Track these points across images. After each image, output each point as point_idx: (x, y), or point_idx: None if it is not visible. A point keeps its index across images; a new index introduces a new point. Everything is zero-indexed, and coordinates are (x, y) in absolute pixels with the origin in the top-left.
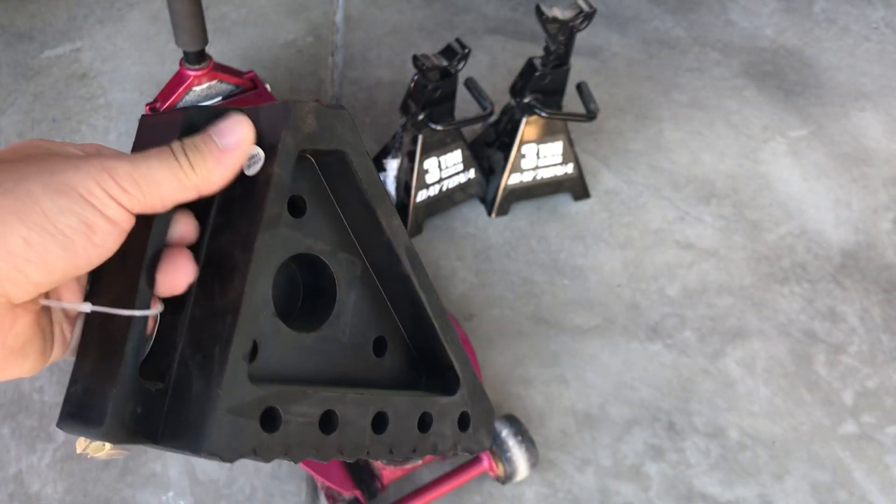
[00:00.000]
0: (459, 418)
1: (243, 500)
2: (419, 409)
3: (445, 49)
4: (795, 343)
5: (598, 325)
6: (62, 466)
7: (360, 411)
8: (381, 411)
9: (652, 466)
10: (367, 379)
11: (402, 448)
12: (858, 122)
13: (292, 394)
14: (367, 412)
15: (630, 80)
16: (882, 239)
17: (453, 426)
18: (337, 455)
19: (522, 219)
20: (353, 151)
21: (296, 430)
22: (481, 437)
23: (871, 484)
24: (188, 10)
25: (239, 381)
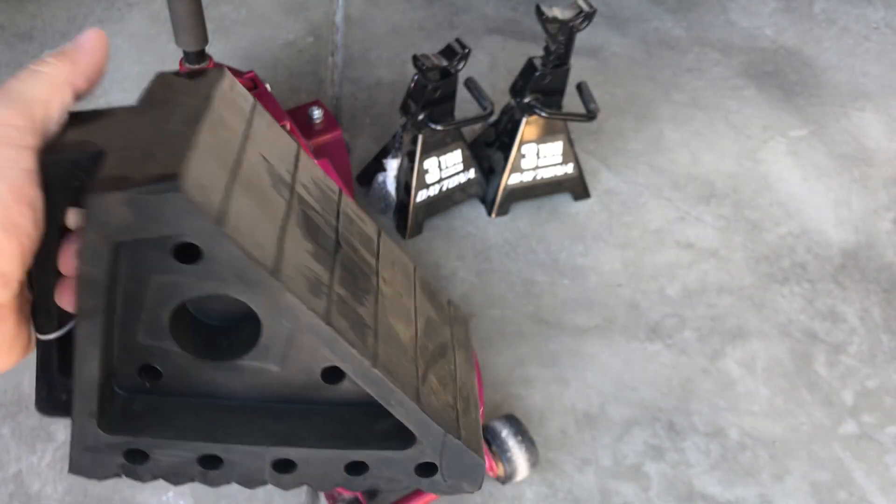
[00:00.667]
0: (419, 467)
1: (243, 500)
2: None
3: (445, 49)
4: (795, 343)
5: (598, 325)
6: (62, 466)
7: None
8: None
9: (652, 466)
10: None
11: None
12: (858, 122)
13: (159, 443)
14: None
15: (630, 80)
16: (882, 239)
17: (408, 473)
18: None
19: (522, 219)
20: (199, 236)
21: (169, 464)
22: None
23: (871, 484)
24: (188, 9)
25: (89, 432)
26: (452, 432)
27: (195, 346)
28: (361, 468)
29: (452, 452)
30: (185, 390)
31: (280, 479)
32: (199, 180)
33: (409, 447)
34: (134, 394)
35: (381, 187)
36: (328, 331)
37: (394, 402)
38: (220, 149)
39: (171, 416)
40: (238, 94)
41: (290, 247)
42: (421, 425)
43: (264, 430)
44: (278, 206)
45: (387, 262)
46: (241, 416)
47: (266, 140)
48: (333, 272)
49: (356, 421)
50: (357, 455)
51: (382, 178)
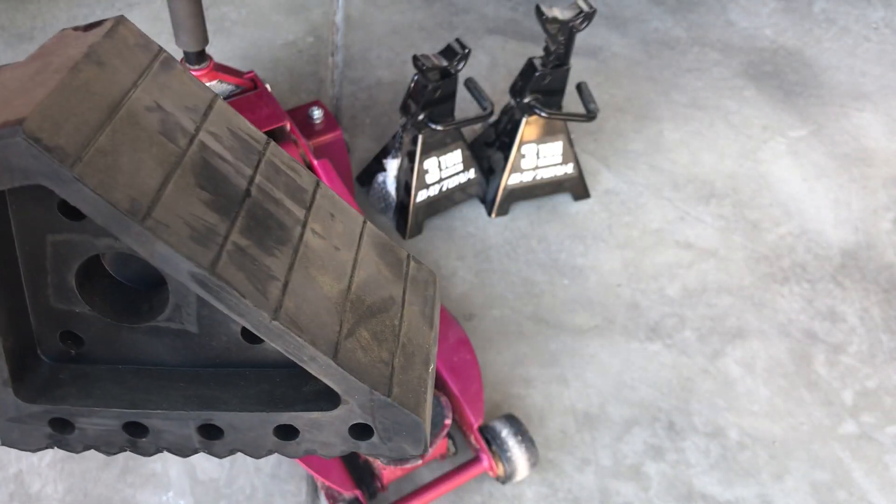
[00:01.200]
0: (353, 428)
1: (243, 499)
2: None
3: (445, 49)
4: (795, 343)
5: (598, 325)
6: (62, 466)
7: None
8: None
9: (652, 466)
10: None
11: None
12: (858, 122)
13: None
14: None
15: (630, 80)
16: (882, 239)
17: (341, 436)
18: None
19: (522, 219)
20: (52, 182)
21: (96, 433)
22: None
23: (871, 484)
24: (188, 10)
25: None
26: (381, 389)
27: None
28: (291, 432)
29: (384, 411)
30: (111, 357)
31: (210, 446)
32: (54, 125)
33: (335, 407)
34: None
35: (381, 187)
36: (213, 281)
37: (306, 358)
38: (91, 94)
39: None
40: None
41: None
42: (342, 382)
43: (186, 395)
44: (166, 153)
45: (322, 213)
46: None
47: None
48: (234, 222)
49: (284, 382)
50: (283, 418)
51: (382, 178)
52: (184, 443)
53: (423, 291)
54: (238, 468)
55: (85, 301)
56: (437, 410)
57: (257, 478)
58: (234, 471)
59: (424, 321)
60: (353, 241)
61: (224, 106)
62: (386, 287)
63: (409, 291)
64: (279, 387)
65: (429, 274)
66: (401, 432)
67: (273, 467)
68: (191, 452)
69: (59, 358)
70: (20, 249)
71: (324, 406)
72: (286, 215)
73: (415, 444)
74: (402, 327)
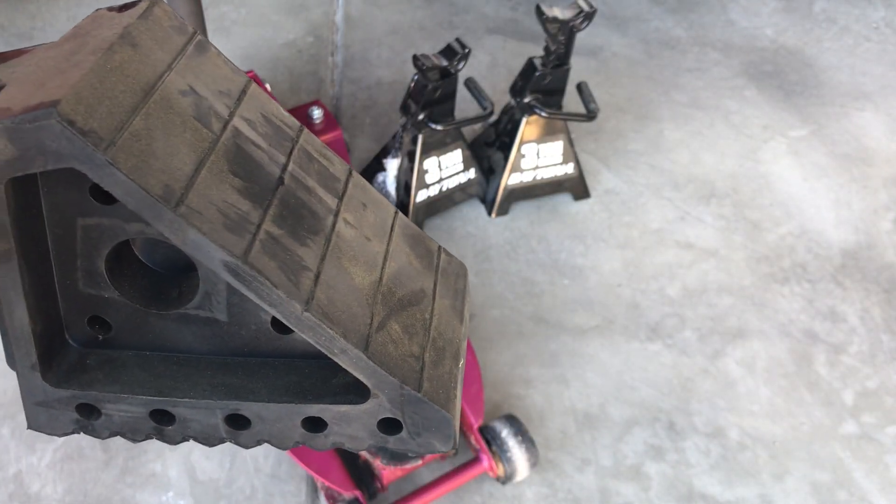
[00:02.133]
0: (382, 422)
1: (243, 499)
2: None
3: (445, 49)
4: (795, 343)
5: (598, 325)
6: (62, 466)
7: (204, 413)
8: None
9: (652, 466)
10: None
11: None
12: (858, 122)
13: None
14: (215, 414)
15: (630, 80)
16: (882, 239)
17: (369, 430)
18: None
19: (522, 219)
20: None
21: (122, 419)
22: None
23: (871, 484)
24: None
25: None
26: (411, 384)
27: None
28: (319, 425)
29: (413, 406)
30: (138, 343)
31: (237, 436)
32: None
33: (365, 401)
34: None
35: (381, 187)
36: (245, 270)
37: (337, 351)
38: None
39: (121, 369)
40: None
41: (206, 180)
42: (372, 375)
43: (213, 384)
44: (200, 139)
45: (354, 203)
46: (192, 369)
47: (202, 72)
48: (267, 210)
49: (313, 374)
50: (312, 410)
51: (382, 178)
52: (210, 432)
53: (453, 285)
54: (238, 468)
55: (114, 286)
56: None
57: (257, 478)
58: (234, 471)
59: (455, 315)
60: (385, 232)
61: (258, 91)
62: (417, 279)
63: (439, 284)
64: (308, 378)
65: (459, 267)
66: (430, 428)
67: (273, 467)
68: (217, 442)
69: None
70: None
71: (353, 399)
72: (318, 204)
73: (444, 440)
74: (432, 321)
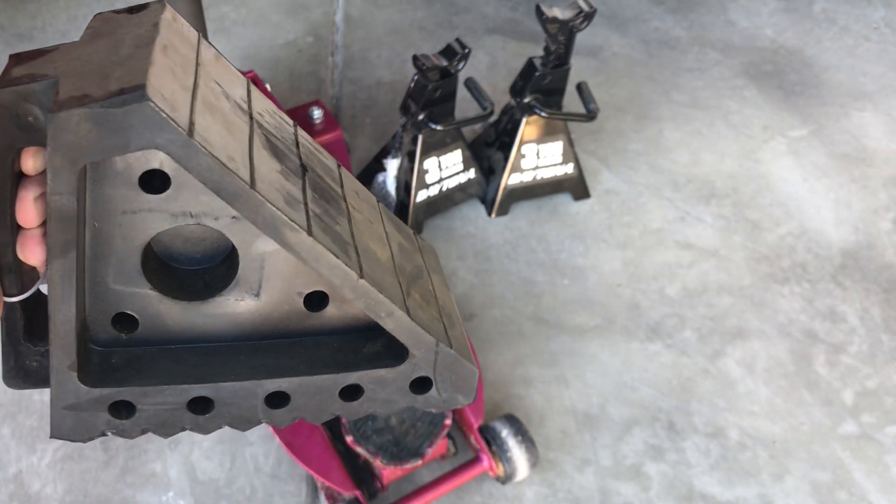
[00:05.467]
0: (414, 383)
1: (243, 500)
2: (340, 384)
3: (445, 49)
4: (795, 343)
5: (598, 325)
6: (62, 466)
7: (245, 395)
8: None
9: (652, 466)
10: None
11: (320, 415)
12: (858, 122)
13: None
14: (255, 395)
15: (630, 80)
16: (882, 239)
17: (402, 391)
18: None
19: (522, 219)
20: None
21: (157, 414)
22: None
23: (871, 484)
24: (188, 10)
25: (70, 387)
26: (444, 341)
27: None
28: (356, 392)
29: (446, 363)
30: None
31: (274, 415)
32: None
33: (402, 363)
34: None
35: (381, 187)
36: (312, 243)
37: (384, 315)
38: (175, 70)
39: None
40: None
41: (260, 164)
42: (413, 336)
43: (252, 365)
44: (242, 128)
45: (350, 191)
46: (225, 356)
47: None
48: (305, 192)
49: (344, 346)
50: (352, 378)
51: (382, 178)
52: (249, 415)
53: (434, 262)
54: (238, 468)
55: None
56: None
57: (257, 478)
58: (234, 471)
59: (446, 288)
60: (378, 216)
61: (255, 89)
62: (413, 257)
63: (426, 261)
64: (340, 351)
65: (432, 248)
66: (457, 383)
67: (273, 467)
68: (252, 425)
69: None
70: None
71: (389, 363)
72: (332, 190)
73: (468, 393)
74: (435, 291)
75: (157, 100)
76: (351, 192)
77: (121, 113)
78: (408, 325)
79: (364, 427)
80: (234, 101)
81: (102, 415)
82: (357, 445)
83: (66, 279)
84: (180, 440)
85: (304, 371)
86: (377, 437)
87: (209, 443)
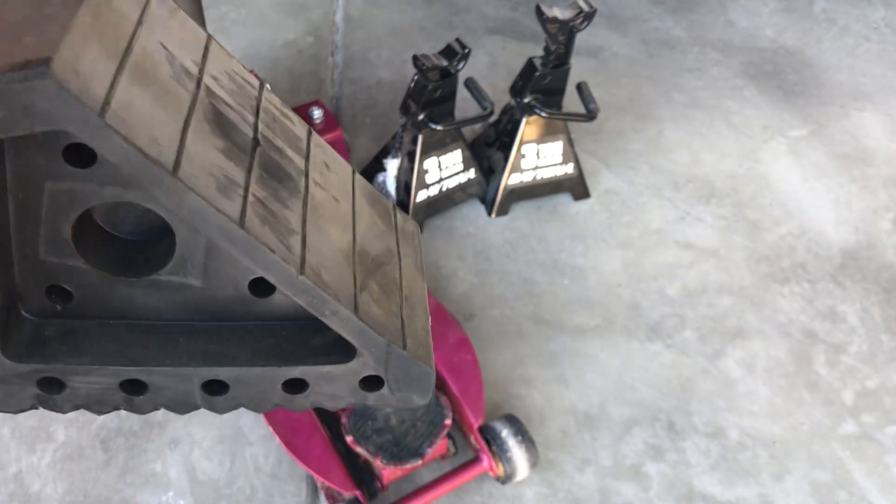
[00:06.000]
0: (364, 380)
1: (243, 499)
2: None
3: (445, 49)
4: (795, 343)
5: (598, 325)
6: (62, 466)
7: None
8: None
9: (652, 466)
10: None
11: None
12: (858, 122)
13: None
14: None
15: (630, 80)
16: (882, 239)
17: (351, 388)
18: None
19: (522, 219)
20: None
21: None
22: (410, 396)
23: (871, 484)
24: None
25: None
26: (397, 342)
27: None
28: (300, 385)
29: (398, 363)
30: (101, 312)
31: (212, 402)
32: (77, 67)
33: (350, 360)
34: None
35: (381, 187)
36: (243, 235)
37: (328, 313)
38: (104, 34)
39: (86, 340)
40: None
41: (194, 143)
42: (361, 336)
43: (190, 350)
44: (181, 99)
45: (318, 163)
46: (164, 337)
47: (168, 28)
48: (250, 172)
49: (292, 336)
50: (295, 372)
51: (382, 178)
52: (184, 399)
53: (411, 242)
54: (238, 468)
55: (79, 253)
56: (437, 410)
57: (257, 478)
58: (234, 471)
59: (418, 272)
60: (348, 192)
61: (217, 47)
62: (383, 239)
63: (401, 243)
64: (287, 340)
65: (413, 225)
66: (411, 383)
67: (273, 467)
68: (190, 409)
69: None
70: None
71: (337, 359)
72: (290, 165)
73: (423, 393)
74: (402, 279)
75: (64, 75)
76: (318, 165)
77: (23, 89)
78: (355, 325)
79: (364, 427)
80: (179, 66)
81: (31, 388)
82: (357, 445)
83: None
84: (180, 440)
85: (244, 361)
86: (377, 437)
87: (209, 443)
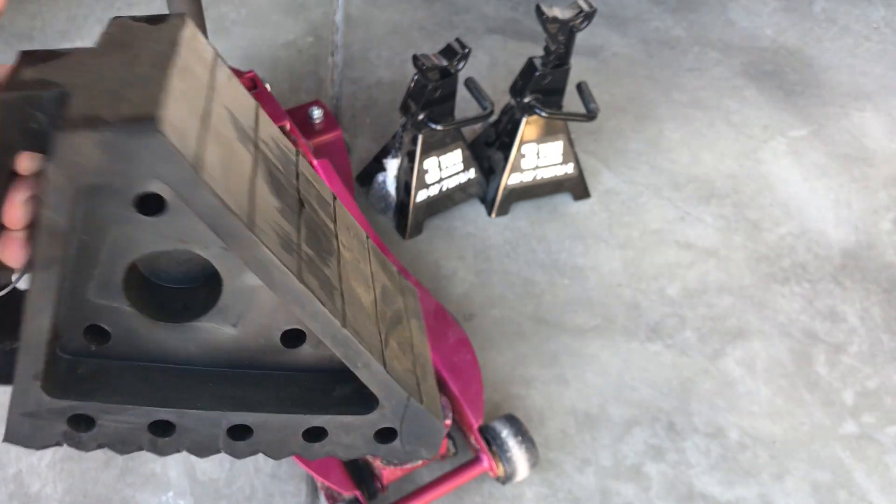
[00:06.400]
0: (379, 433)
1: (243, 500)
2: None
3: (445, 49)
4: (795, 343)
5: (598, 325)
6: (62, 466)
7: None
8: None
9: (652, 466)
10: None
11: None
12: (859, 122)
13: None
14: (218, 425)
15: (630, 79)
16: (882, 239)
17: (366, 439)
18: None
19: (522, 219)
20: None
21: (116, 431)
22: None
23: (871, 484)
24: (188, 10)
25: (32, 395)
26: (415, 396)
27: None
28: (320, 434)
29: (414, 417)
30: (134, 354)
31: (234, 446)
32: (176, 124)
33: (370, 412)
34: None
35: (381, 187)
36: (301, 289)
37: (360, 365)
38: (189, 96)
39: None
40: (200, 42)
41: (260, 201)
42: (386, 389)
43: (219, 395)
44: (246, 160)
45: (343, 226)
46: (193, 381)
47: (228, 93)
48: (300, 231)
49: (315, 387)
50: (317, 420)
51: (382, 178)
52: (208, 443)
53: (413, 305)
54: (238, 468)
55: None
56: None
57: (257, 478)
58: (234, 471)
59: (423, 333)
60: (366, 255)
61: (262, 112)
62: (395, 299)
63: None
64: (310, 390)
65: (412, 289)
66: (422, 437)
67: (273, 468)
68: (212, 453)
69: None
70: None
71: (357, 410)
72: (325, 226)
73: (430, 448)
74: (412, 339)
75: (168, 131)
76: (343, 229)
77: (131, 141)
78: (383, 378)
79: None
80: (241, 129)
81: (60, 425)
82: None
83: (45, 292)
84: None
85: (271, 408)
86: None
87: None
